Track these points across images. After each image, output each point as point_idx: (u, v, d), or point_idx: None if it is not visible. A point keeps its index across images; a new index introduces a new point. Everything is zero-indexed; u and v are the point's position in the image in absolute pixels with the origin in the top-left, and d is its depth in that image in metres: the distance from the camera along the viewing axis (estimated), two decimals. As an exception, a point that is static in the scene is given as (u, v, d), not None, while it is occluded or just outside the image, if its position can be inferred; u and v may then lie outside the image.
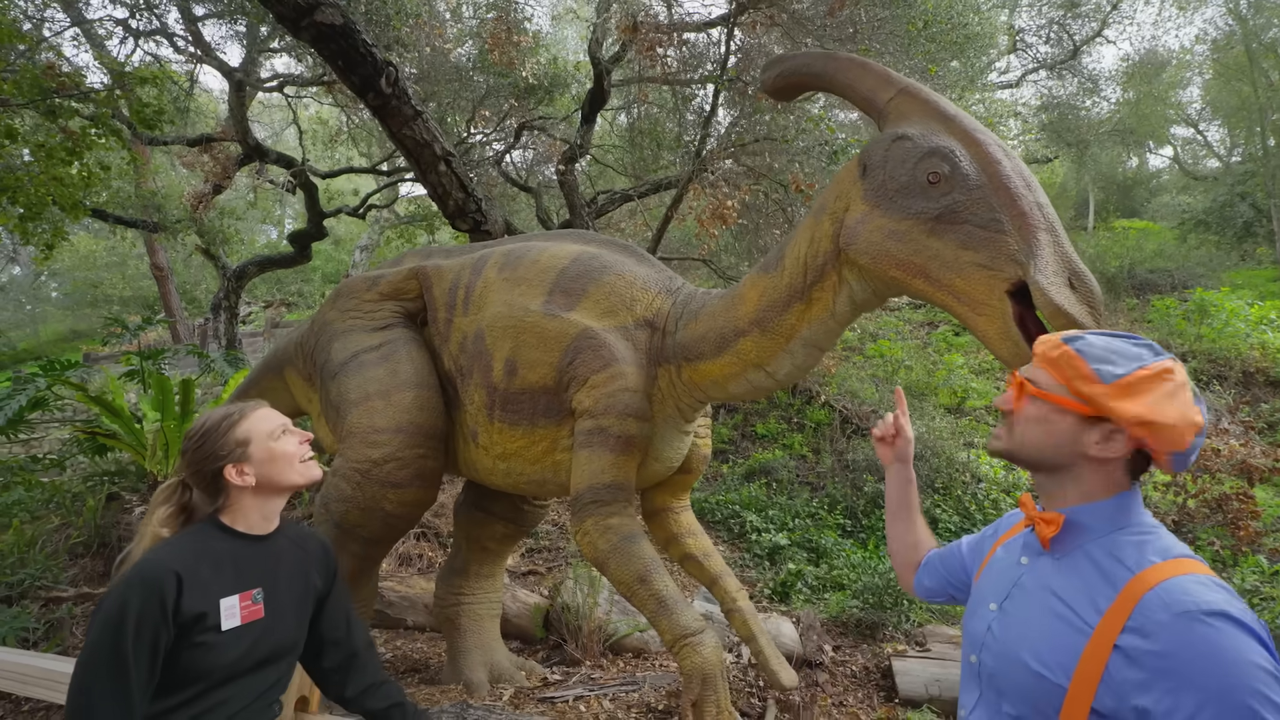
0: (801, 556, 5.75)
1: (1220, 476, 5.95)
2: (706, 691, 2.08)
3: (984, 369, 10.43)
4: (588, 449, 2.36)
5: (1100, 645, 0.91)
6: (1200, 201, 17.82)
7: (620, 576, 2.27)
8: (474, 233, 4.86)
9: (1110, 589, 0.94)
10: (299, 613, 1.45)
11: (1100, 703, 0.91)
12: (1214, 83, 18.06)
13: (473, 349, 2.78)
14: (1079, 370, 0.99)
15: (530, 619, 4.14)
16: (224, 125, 10.94)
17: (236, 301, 12.76)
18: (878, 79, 1.94)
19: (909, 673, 3.44)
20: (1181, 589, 0.88)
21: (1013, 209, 1.64)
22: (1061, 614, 0.97)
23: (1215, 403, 8.67)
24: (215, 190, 11.68)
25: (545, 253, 2.78)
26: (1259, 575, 5.41)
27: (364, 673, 1.53)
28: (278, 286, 23.58)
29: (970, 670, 1.14)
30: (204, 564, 1.32)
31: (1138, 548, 0.96)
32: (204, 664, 1.27)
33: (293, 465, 1.42)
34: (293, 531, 1.54)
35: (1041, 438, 1.03)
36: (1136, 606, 0.89)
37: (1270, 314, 9.99)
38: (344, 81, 3.93)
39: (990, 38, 8.50)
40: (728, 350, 2.27)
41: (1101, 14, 12.89)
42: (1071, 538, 1.02)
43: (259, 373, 3.74)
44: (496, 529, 3.41)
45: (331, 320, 3.19)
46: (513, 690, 3.15)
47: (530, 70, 7.01)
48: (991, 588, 1.14)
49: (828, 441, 8.32)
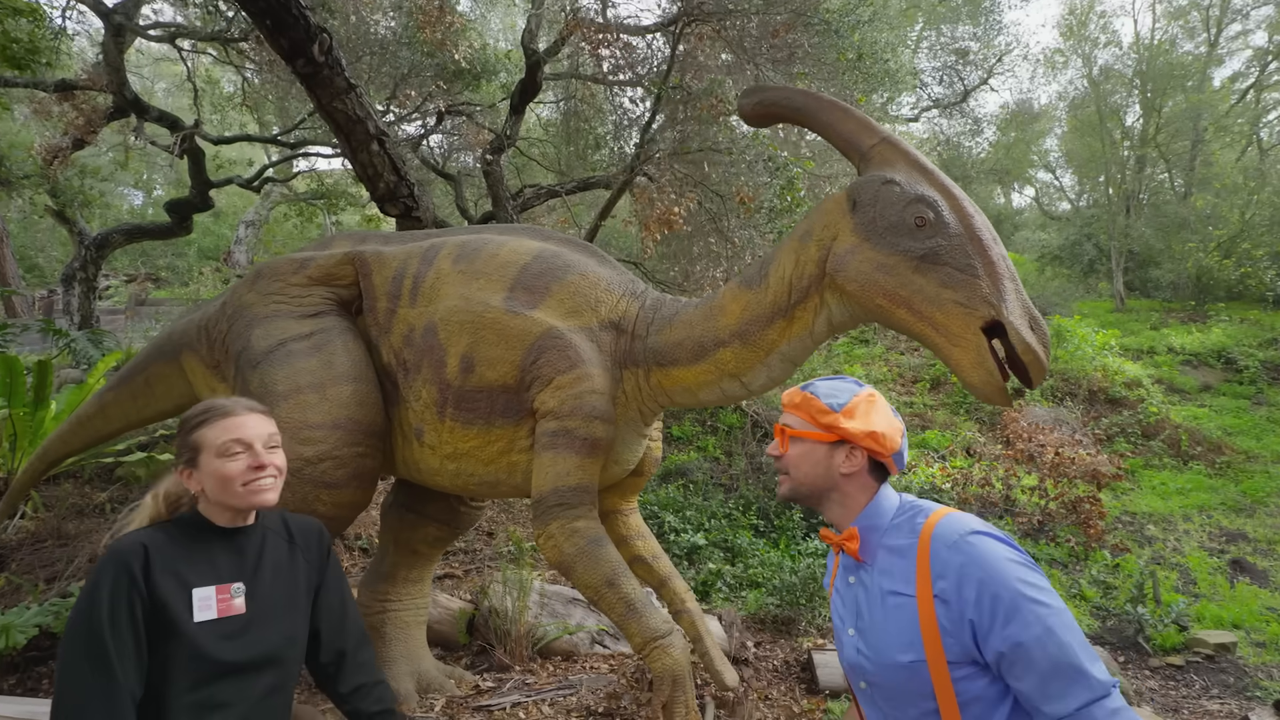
0: (719, 556, 5.93)
1: (1076, 482, 6.80)
2: (676, 692, 2.10)
3: (880, 379, 11.25)
4: (552, 451, 2.32)
5: (925, 603, 1.09)
6: (1055, 239, 20.24)
7: (587, 580, 2.24)
8: (404, 218, 4.60)
9: (910, 558, 1.15)
10: (291, 612, 1.35)
11: (948, 651, 1.07)
12: (1069, 135, 20.59)
13: (422, 343, 2.63)
14: (817, 406, 1.25)
15: (453, 624, 3.98)
16: (92, 72, 9.61)
17: (95, 274, 11.27)
18: (860, 124, 2.10)
19: (828, 664, 3.66)
20: (946, 525, 1.13)
21: (984, 257, 1.85)
22: (895, 602, 1.15)
23: (1067, 417, 9.88)
24: (76, 145, 10.24)
25: (505, 247, 2.69)
26: (1103, 567, 6.24)
27: (357, 670, 1.44)
28: (143, 259, 21.07)
29: (865, 696, 1.25)
30: (176, 548, 1.25)
31: (909, 520, 1.20)
32: (180, 658, 1.20)
33: (230, 488, 1.30)
34: (274, 521, 1.43)
35: (809, 469, 1.26)
36: (930, 557, 1.11)
37: (1110, 341, 11.52)
38: (271, 44, 3.59)
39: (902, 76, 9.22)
40: (706, 358, 2.32)
41: (988, 65, 14.33)
42: (869, 540, 1.23)
43: (147, 357, 3.31)
44: (428, 531, 3.25)
45: (251, 304, 2.90)
46: (444, 700, 3.02)
47: (463, 53, 6.74)
48: (842, 617, 1.28)
49: (740, 445, 8.64)
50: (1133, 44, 18.16)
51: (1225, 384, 11.35)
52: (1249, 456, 8.94)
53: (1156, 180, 18.06)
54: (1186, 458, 8.90)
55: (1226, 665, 4.67)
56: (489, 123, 8.91)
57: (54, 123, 10.20)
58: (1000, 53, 16.29)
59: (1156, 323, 14.15)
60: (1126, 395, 10.37)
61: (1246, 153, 18.41)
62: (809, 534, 6.43)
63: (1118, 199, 17.22)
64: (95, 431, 3.48)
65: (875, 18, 5.98)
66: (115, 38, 7.64)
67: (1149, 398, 10.33)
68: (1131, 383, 10.71)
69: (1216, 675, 4.58)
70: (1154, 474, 8.53)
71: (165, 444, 6.15)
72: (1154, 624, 4.98)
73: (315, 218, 13.90)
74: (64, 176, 10.33)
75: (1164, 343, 12.55)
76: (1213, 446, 9.11)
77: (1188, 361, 11.96)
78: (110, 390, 3.38)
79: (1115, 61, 18.17)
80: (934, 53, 14.15)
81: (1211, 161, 17.61)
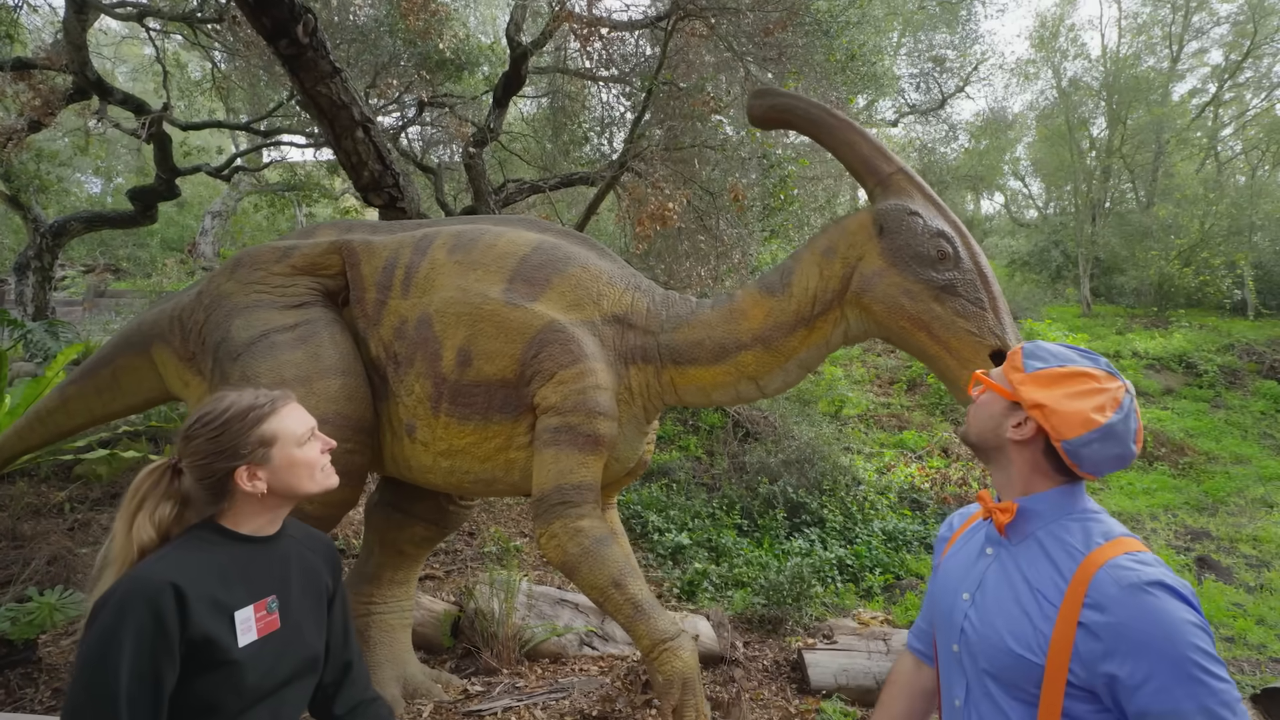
0: (704, 556, 5.90)
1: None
2: (687, 696, 2.05)
3: (859, 380, 11.38)
4: (554, 447, 2.25)
5: (1066, 623, 1.03)
6: (1024, 245, 20.77)
7: (593, 581, 2.18)
8: (388, 209, 4.46)
9: (1066, 571, 1.07)
10: (316, 622, 1.25)
11: (1073, 675, 1.03)
12: (1038, 144, 21.14)
13: (415, 336, 2.54)
14: (1015, 363, 1.19)
15: (437, 627, 3.86)
16: (50, 51, 9.17)
17: (52, 263, 10.79)
18: (877, 150, 2.25)
19: (819, 664, 3.64)
20: (1125, 565, 1.02)
21: (990, 292, 2.10)
22: (1028, 598, 1.09)
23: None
24: (32, 127, 9.76)
25: (503, 238, 2.61)
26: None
27: (354, 687, 1.34)
28: (102, 249, 20.24)
29: (952, 659, 1.22)
30: (209, 576, 1.09)
31: (1083, 531, 1.10)
32: (220, 693, 1.05)
33: (312, 475, 1.22)
34: (296, 529, 1.32)
35: (982, 420, 1.20)
36: (1091, 584, 1.02)
37: (1079, 345, 11.82)
38: (253, 23, 3.43)
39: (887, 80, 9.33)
40: (727, 360, 2.37)
41: (964, 73, 14.62)
42: (1024, 524, 1.15)
43: (114, 349, 3.14)
44: (415, 531, 3.15)
45: (230, 293, 2.76)
46: (432, 705, 2.92)
47: (448, 43, 6.58)
48: (960, 579, 1.23)
49: (721, 444, 8.63)
50: (1100, 57, 18.73)
51: (1186, 387, 11.75)
52: (1209, 457, 9.25)
53: (1121, 190, 18.64)
54: (1152, 458, 9.17)
55: (1197, 660, 4.79)
56: (471, 115, 8.75)
57: (8, 103, 9.69)
58: (976, 61, 16.65)
59: (1121, 328, 14.59)
60: (1094, 398, 10.64)
61: (1205, 165, 19.11)
62: (792, 533, 6.44)
63: (1084, 207, 17.72)
64: (56, 427, 3.30)
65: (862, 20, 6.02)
66: (78, 15, 7.29)
67: (1116, 400, 10.62)
68: (1099, 386, 11.00)
69: (1188, 670, 4.69)
70: (1121, 474, 8.77)
71: (128, 441, 5.88)
72: (1128, 620, 5.09)
73: (286, 209, 13.51)
74: (19, 160, 9.84)
75: (1129, 347, 12.93)
76: (1176, 448, 9.41)
77: (1151, 365, 12.34)
78: (73, 383, 3.21)
79: (1083, 73, 18.71)
80: (912, 59, 14.42)
81: (1173, 173, 18.25)
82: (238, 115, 11.58)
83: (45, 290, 10.60)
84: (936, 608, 1.27)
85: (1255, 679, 4.45)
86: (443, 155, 9.95)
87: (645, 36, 6.49)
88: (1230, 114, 19.22)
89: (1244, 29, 17.44)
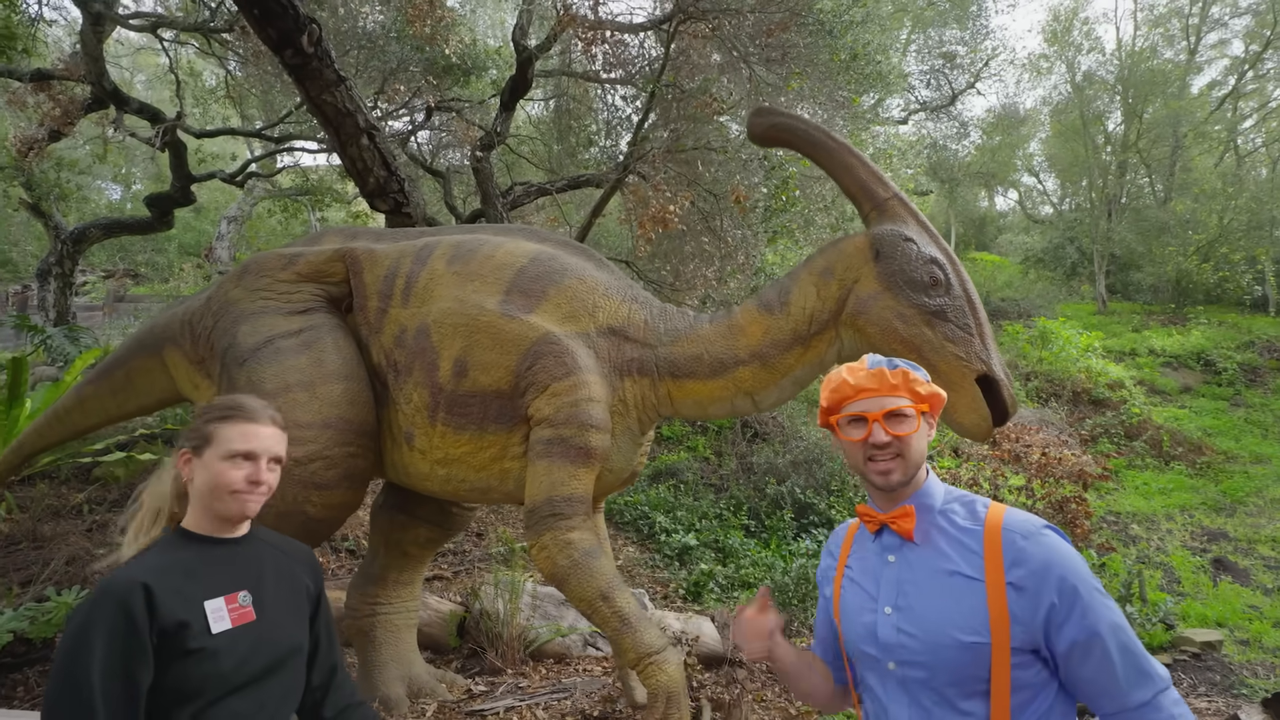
0: (711, 557, 5.91)
1: (1062, 482, 6.87)
2: (671, 709, 2.06)
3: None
4: (547, 459, 2.27)
5: (996, 589, 1.09)
6: (1038, 242, 20.52)
7: (581, 594, 2.21)
8: (394, 214, 4.52)
9: (975, 546, 1.14)
10: (296, 614, 1.31)
11: (1015, 640, 1.08)
12: (1053, 140, 20.89)
13: (414, 345, 2.57)
14: (916, 379, 1.24)
15: (443, 627, 3.91)
16: (69, 62, 9.38)
17: (72, 269, 11.01)
18: (874, 176, 2.32)
19: (822, 667, 3.64)
20: (1017, 519, 1.14)
21: (976, 319, 2.18)
22: (959, 584, 1.12)
23: (1052, 418, 9.99)
24: (52, 137, 9.98)
25: (501, 249, 2.64)
26: (1091, 567, 6.31)
27: (342, 690, 1.39)
28: (121, 255, 20.64)
29: (891, 678, 1.17)
30: (174, 574, 1.17)
31: (965, 508, 1.20)
32: (198, 675, 1.12)
33: (220, 494, 1.25)
34: (272, 538, 1.39)
35: (922, 448, 1.23)
36: (1002, 546, 1.11)
37: (1094, 343, 11.67)
38: (259, 34, 3.50)
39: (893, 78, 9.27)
40: (724, 375, 2.40)
41: (975, 69, 14.48)
42: (922, 521, 1.20)
43: (128, 351, 3.23)
44: (419, 533, 3.19)
45: (237, 299, 2.82)
46: (435, 705, 2.96)
47: (454, 48, 6.65)
48: (871, 596, 1.20)
49: (729, 445, 8.63)
50: (1115, 51, 18.46)
51: (1204, 385, 11.56)
52: (1228, 457, 9.10)
53: (1137, 185, 18.36)
54: (1168, 458, 9.04)
55: (1213, 663, 4.73)
56: (478, 119, 8.82)
57: (29, 113, 9.93)
58: (987, 57, 16.48)
59: (1138, 325, 14.38)
60: (1110, 396, 10.51)
61: (1224, 159, 18.78)
62: (800, 534, 6.42)
63: (1099, 203, 17.49)
64: (73, 426, 3.40)
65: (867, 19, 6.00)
66: (94, 26, 7.45)
67: (1131, 399, 10.48)
68: (1114, 384, 10.87)
69: (1203, 673, 4.63)
70: (1137, 474, 8.65)
71: (145, 444, 6.00)
72: (1142, 623, 5.03)
73: (300, 214, 13.69)
74: (40, 169, 10.08)
75: (1145, 345, 12.75)
76: (1193, 447, 9.26)
77: (1168, 363, 12.16)
78: (89, 384, 3.30)
79: (1098, 68, 18.46)
80: (922, 56, 14.31)
81: (1190, 167, 17.94)
82: (251, 122, 11.77)
83: (66, 296, 10.83)
84: (852, 634, 1.23)
85: (1270, 683, 4.38)
86: (451, 159, 10.04)
87: (650, 38, 6.51)
88: (1251, 106, 18.87)
89: (1265, 19, 17.10)
